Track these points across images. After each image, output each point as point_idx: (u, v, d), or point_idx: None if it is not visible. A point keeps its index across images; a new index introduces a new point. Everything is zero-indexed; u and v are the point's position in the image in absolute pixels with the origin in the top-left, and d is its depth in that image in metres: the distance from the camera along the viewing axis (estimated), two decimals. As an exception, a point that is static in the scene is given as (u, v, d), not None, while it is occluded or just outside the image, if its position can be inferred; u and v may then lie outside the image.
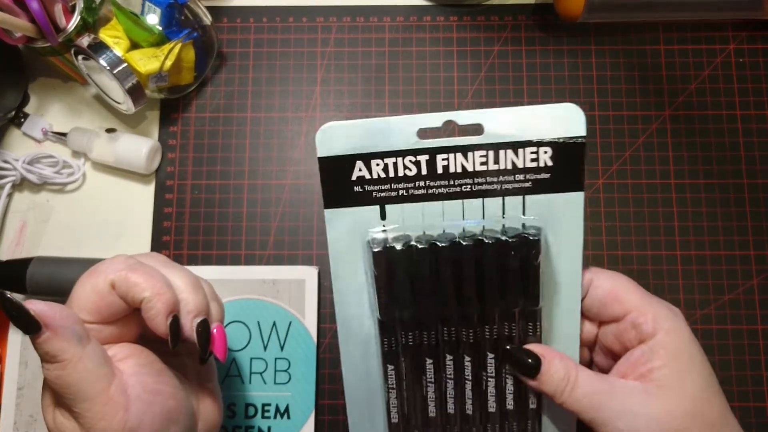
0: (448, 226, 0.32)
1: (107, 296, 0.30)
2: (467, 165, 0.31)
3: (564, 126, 0.30)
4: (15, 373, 0.45)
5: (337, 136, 0.31)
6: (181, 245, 0.48)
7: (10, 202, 0.49)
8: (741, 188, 0.48)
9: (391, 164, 0.31)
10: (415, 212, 0.32)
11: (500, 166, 0.31)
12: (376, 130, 0.31)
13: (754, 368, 0.46)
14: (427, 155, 0.31)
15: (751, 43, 0.50)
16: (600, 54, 0.51)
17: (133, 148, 0.47)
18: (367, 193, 0.31)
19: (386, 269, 0.31)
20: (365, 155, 0.31)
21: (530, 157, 0.30)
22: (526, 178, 0.31)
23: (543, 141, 0.30)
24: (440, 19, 0.52)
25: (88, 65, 0.45)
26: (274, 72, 0.51)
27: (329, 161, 0.31)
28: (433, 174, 0.31)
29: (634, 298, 0.32)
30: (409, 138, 0.31)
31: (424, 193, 0.31)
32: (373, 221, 0.32)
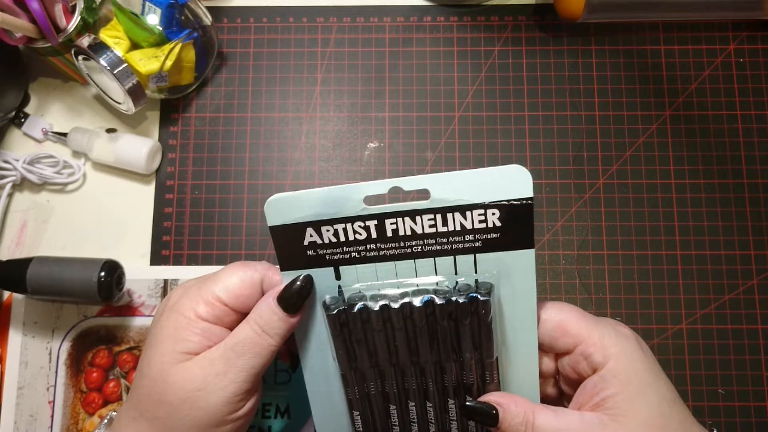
0: (402, 284, 0.33)
1: (250, 288, 0.33)
2: (416, 228, 0.31)
3: (510, 188, 0.31)
4: (15, 373, 0.45)
5: (286, 206, 0.32)
6: (181, 245, 0.48)
7: (11, 202, 0.49)
8: (741, 188, 0.48)
9: (341, 230, 0.32)
10: (369, 272, 0.32)
11: (449, 228, 0.31)
12: (324, 199, 0.31)
13: (754, 368, 0.46)
14: (376, 220, 0.31)
15: (751, 43, 0.50)
16: (600, 54, 0.51)
17: (134, 148, 0.47)
18: (321, 257, 0.32)
19: (342, 330, 0.32)
20: (314, 222, 0.32)
21: (478, 218, 0.31)
22: (475, 237, 0.32)
23: (490, 203, 0.31)
24: (440, 20, 0.52)
25: (89, 65, 0.45)
26: (274, 72, 0.51)
27: (280, 229, 0.32)
28: (383, 237, 0.32)
29: (581, 328, 0.32)
30: (356, 205, 0.31)
31: (376, 254, 0.32)
32: (329, 281, 0.33)
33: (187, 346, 0.31)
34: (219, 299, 0.32)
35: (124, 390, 0.45)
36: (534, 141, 0.49)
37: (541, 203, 0.48)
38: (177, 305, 0.32)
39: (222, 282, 0.33)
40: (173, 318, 0.32)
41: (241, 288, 0.32)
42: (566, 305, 0.34)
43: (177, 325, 0.32)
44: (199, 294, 0.32)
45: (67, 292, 0.42)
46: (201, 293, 0.32)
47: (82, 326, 0.46)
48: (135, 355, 0.45)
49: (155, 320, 0.33)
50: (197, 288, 0.33)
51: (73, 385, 0.45)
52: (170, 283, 0.46)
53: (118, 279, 0.43)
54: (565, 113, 0.50)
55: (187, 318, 0.32)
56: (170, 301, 0.33)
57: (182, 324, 0.32)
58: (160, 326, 0.32)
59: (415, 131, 0.50)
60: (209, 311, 0.32)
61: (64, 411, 0.45)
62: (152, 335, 0.32)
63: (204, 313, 0.32)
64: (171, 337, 0.31)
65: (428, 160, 0.49)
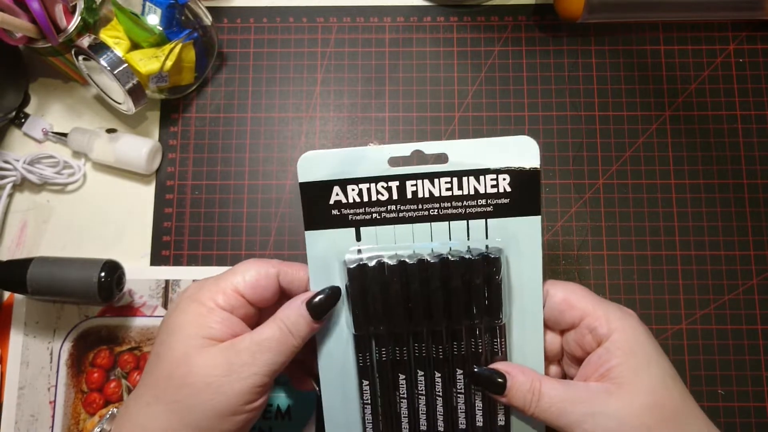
0: (417, 247, 0.34)
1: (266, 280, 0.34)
2: (434, 190, 0.34)
3: (520, 156, 0.33)
4: (16, 373, 0.45)
5: (316, 163, 0.34)
6: (181, 245, 0.48)
7: (11, 202, 0.49)
8: (741, 188, 0.48)
9: (365, 189, 0.34)
10: (388, 234, 0.34)
11: (464, 191, 0.34)
12: (352, 158, 0.34)
13: (754, 368, 0.46)
14: (398, 181, 0.34)
15: (751, 43, 0.50)
16: (600, 54, 0.51)
17: (134, 148, 0.47)
18: (344, 216, 0.34)
19: (359, 285, 0.34)
20: (342, 181, 0.34)
21: (490, 183, 0.34)
22: (487, 203, 0.34)
23: (501, 169, 0.33)
24: (440, 20, 0.52)
25: (89, 65, 0.45)
26: (274, 72, 0.51)
27: (309, 186, 0.34)
28: (403, 198, 0.34)
29: (586, 303, 0.34)
30: (381, 165, 0.34)
31: (396, 216, 0.34)
32: (349, 242, 0.34)
33: (210, 333, 0.32)
34: (237, 290, 0.33)
35: (125, 390, 0.45)
36: (534, 141, 0.49)
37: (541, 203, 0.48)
38: (196, 295, 0.34)
39: (240, 274, 0.34)
40: (193, 306, 0.33)
41: (258, 280, 0.34)
42: (571, 283, 0.35)
43: (199, 313, 0.33)
44: (218, 286, 0.34)
45: (68, 292, 0.42)
46: (219, 285, 0.34)
47: (83, 326, 0.46)
48: (136, 356, 0.45)
49: (172, 310, 0.34)
50: (215, 281, 0.34)
51: (74, 385, 0.45)
52: (171, 284, 0.46)
53: (118, 279, 0.43)
54: (565, 113, 0.50)
55: (208, 307, 0.33)
56: (187, 293, 0.34)
57: (203, 312, 0.33)
58: (181, 313, 0.33)
59: (415, 131, 0.50)
60: (228, 301, 0.33)
61: (65, 411, 0.45)
62: (171, 322, 0.33)
63: (224, 303, 0.33)
64: (193, 323, 0.32)
65: (428, 160, 0.49)
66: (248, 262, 0.35)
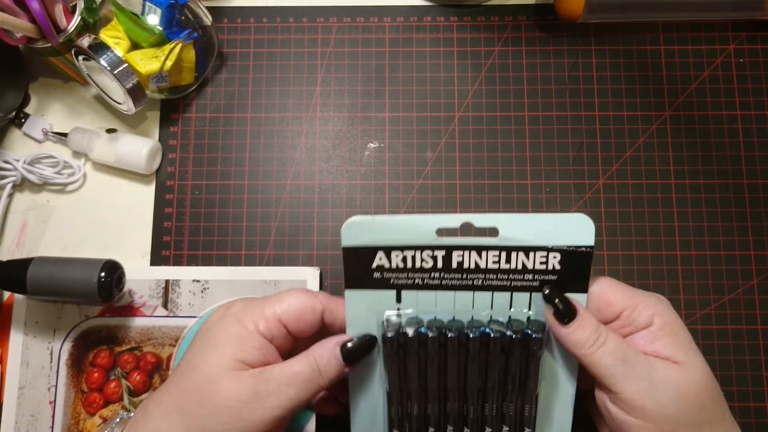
0: (457, 313, 0.34)
1: (311, 315, 0.34)
2: (480, 262, 0.33)
3: (574, 235, 0.32)
4: (16, 373, 0.45)
5: (361, 230, 0.33)
6: (181, 245, 0.48)
7: (11, 202, 0.49)
8: (741, 188, 0.48)
9: (409, 256, 0.33)
10: (429, 299, 0.34)
11: (511, 265, 0.33)
12: (398, 227, 0.33)
13: (754, 368, 0.46)
14: (444, 251, 0.33)
15: (751, 43, 0.50)
16: (600, 54, 0.51)
17: (134, 148, 0.47)
18: (385, 279, 0.34)
19: (397, 351, 0.34)
20: (386, 247, 0.33)
21: (540, 260, 0.33)
22: (534, 277, 0.33)
23: (554, 247, 0.33)
24: (440, 20, 0.52)
25: (89, 65, 0.45)
26: (274, 72, 0.51)
27: (352, 250, 0.33)
28: (448, 267, 0.33)
29: (623, 296, 0.33)
30: (429, 235, 0.33)
31: (438, 283, 0.34)
32: (389, 303, 0.34)
33: (246, 357, 0.32)
34: (280, 319, 0.33)
35: (125, 390, 0.45)
36: (534, 141, 0.49)
37: (541, 203, 0.48)
38: (240, 314, 0.33)
39: (286, 303, 0.34)
40: (236, 326, 0.33)
41: (304, 313, 0.34)
42: (602, 278, 0.34)
43: (239, 334, 0.33)
44: (262, 310, 0.33)
45: (67, 292, 0.42)
46: (264, 310, 0.33)
47: (83, 326, 0.46)
48: (136, 356, 0.45)
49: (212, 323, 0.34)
50: (260, 304, 0.34)
51: (74, 385, 0.45)
52: (171, 284, 0.46)
53: (118, 279, 0.43)
54: (565, 113, 0.50)
55: (249, 330, 0.33)
56: (232, 309, 0.34)
57: (243, 334, 0.33)
58: (220, 329, 0.33)
59: (415, 131, 0.50)
60: (269, 328, 0.33)
61: (65, 411, 0.45)
62: (210, 335, 0.33)
63: (264, 329, 0.33)
64: (232, 344, 0.32)
65: (428, 160, 0.49)
66: (296, 293, 0.34)
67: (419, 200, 0.49)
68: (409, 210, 0.48)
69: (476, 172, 0.49)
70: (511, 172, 0.49)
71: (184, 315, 0.46)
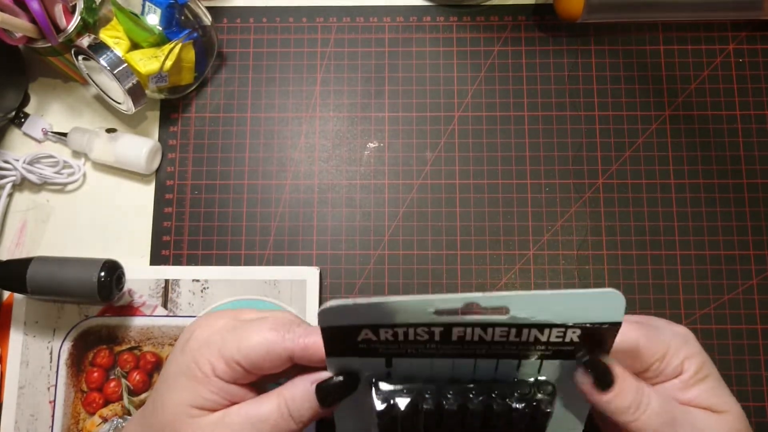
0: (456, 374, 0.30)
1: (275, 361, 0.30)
2: (485, 336, 0.28)
3: (599, 312, 0.27)
4: (16, 373, 0.45)
5: (340, 314, 0.27)
6: (181, 245, 0.48)
7: (11, 202, 0.49)
8: (740, 188, 0.48)
9: (401, 332, 0.28)
10: (423, 365, 0.30)
11: (521, 339, 0.28)
12: (388, 312, 0.27)
13: (754, 368, 0.46)
14: (442, 327, 0.28)
15: (750, 43, 0.50)
16: (600, 54, 0.51)
17: (133, 148, 0.47)
18: (373, 349, 0.29)
19: (390, 423, 0.30)
20: (373, 326, 0.28)
21: (556, 335, 0.28)
22: (547, 348, 0.29)
23: (575, 324, 0.28)
24: (440, 20, 0.52)
25: (89, 65, 0.45)
26: (274, 72, 0.51)
27: (332, 330, 0.28)
28: (447, 341, 0.29)
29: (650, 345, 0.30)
30: (425, 316, 0.27)
31: (435, 352, 0.29)
32: (378, 369, 0.30)
33: (202, 403, 0.29)
34: (239, 363, 0.29)
35: (125, 390, 0.45)
36: (534, 141, 0.49)
37: (540, 203, 0.48)
38: (196, 354, 0.30)
39: (245, 344, 0.30)
40: (192, 368, 0.30)
41: (264, 360, 0.29)
42: (627, 324, 0.30)
43: (195, 377, 0.29)
44: (220, 350, 0.30)
45: (67, 292, 0.42)
46: (222, 350, 0.30)
47: (83, 326, 0.46)
48: (135, 355, 0.45)
49: (176, 353, 0.31)
50: (220, 341, 0.30)
51: (74, 384, 0.45)
52: (171, 284, 0.46)
53: (118, 279, 0.43)
54: (565, 113, 0.50)
55: (204, 373, 0.29)
56: (191, 343, 0.31)
57: (199, 377, 0.29)
58: (178, 370, 0.30)
59: (414, 131, 0.50)
60: (227, 372, 0.29)
61: (64, 411, 0.45)
62: (168, 372, 0.31)
63: (221, 373, 0.29)
64: (186, 389, 0.29)
65: (428, 160, 0.49)
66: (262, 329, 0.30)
67: (419, 200, 0.49)
68: (408, 210, 0.48)
69: (476, 172, 0.49)
70: (511, 172, 0.49)
71: (184, 315, 0.46)
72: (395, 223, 0.48)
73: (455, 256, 0.48)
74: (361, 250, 0.48)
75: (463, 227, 0.48)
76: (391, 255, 0.48)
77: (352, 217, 0.48)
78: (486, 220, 0.48)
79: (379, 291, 0.47)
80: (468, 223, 0.48)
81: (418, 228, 0.48)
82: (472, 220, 0.48)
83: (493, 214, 0.48)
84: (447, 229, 0.48)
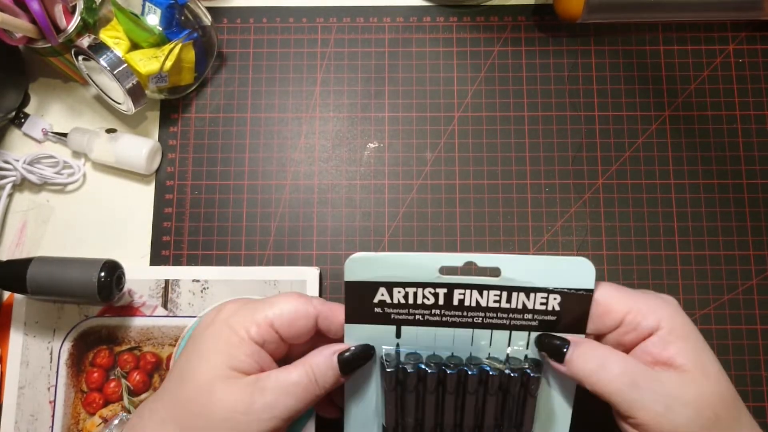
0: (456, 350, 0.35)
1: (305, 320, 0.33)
2: (481, 301, 0.33)
3: (575, 278, 0.33)
4: (16, 373, 0.45)
5: (364, 265, 0.33)
6: (181, 245, 0.48)
7: (11, 202, 0.49)
8: (741, 188, 0.48)
9: (411, 293, 0.33)
10: (428, 335, 0.34)
11: (511, 305, 0.34)
12: (402, 264, 0.33)
13: (754, 368, 0.46)
14: (446, 289, 0.33)
15: (750, 43, 0.50)
16: (600, 54, 0.51)
17: (134, 148, 0.47)
18: (386, 314, 0.34)
19: (395, 387, 0.34)
20: (388, 283, 0.33)
21: (540, 301, 0.33)
22: (533, 317, 0.34)
23: (554, 289, 0.33)
24: (440, 20, 0.52)
25: (89, 66, 0.45)
26: (274, 72, 0.51)
27: (355, 285, 0.33)
28: (449, 305, 0.34)
29: (624, 302, 0.32)
30: (432, 273, 0.33)
31: (438, 320, 0.34)
32: (389, 338, 0.34)
33: (238, 365, 0.31)
34: (272, 324, 0.32)
35: (125, 390, 0.45)
36: (534, 141, 0.49)
37: (540, 203, 0.48)
38: (230, 321, 0.33)
39: (277, 307, 0.33)
40: (225, 333, 0.32)
41: (296, 318, 0.33)
42: (602, 284, 0.33)
43: (229, 341, 0.32)
44: (253, 315, 0.33)
45: (67, 292, 0.42)
46: (254, 315, 0.33)
47: (83, 326, 0.46)
48: (136, 356, 0.45)
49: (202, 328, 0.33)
50: (251, 309, 0.33)
51: (74, 385, 0.45)
52: (171, 284, 0.46)
53: (118, 279, 0.43)
54: (565, 113, 0.50)
55: (240, 337, 0.32)
56: (222, 314, 0.33)
57: (234, 341, 0.32)
58: (211, 336, 0.32)
59: (414, 131, 0.50)
60: (260, 334, 0.32)
61: (64, 411, 0.45)
62: (200, 343, 0.32)
63: (256, 335, 0.32)
64: (223, 352, 0.32)
65: (428, 160, 0.49)
66: (289, 297, 0.34)
67: (419, 200, 0.49)
68: (408, 210, 0.48)
69: (476, 172, 0.49)
70: (511, 172, 0.49)
71: (184, 315, 0.46)
72: (395, 224, 0.48)
73: (455, 256, 0.48)
74: (361, 250, 0.48)
75: (463, 227, 0.48)
76: (391, 255, 0.48)
77: (352, 217, 0.48)
78: (486, 220, 0.48)
79: (379, 291, 0.47)
80: (468, 223, 0.48)
81: (418, 228, 0.48)
82: (472, 220, 0.48)
83: (493, 214, 0.48)
84: (447, 229, 0.48)
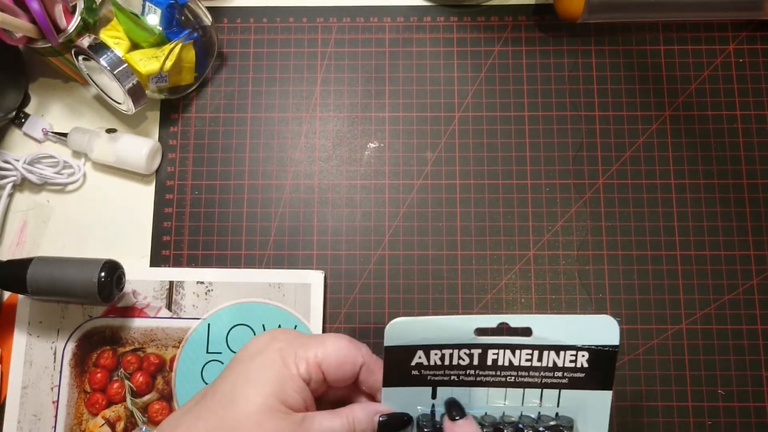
0: (489, 409, 0.36)
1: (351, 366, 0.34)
2: (514, 360, 0.35)
3: (601, 335, 0.35)
4: (19, 373, 0.45)
5: (403, 330, 0.34)
6: (181, 245, 0.48)
7: (11, 202, 0.49)
8: (741, 188, 0.48)
9: (447, 354, 0.35)
10: (463, 395, 0.36)
11: (542, 363, 0.35)
12: (439, 327, 0.35)
13: (754, 368, 0.46)
14: (481, 349, 0.35)
15: (751, 43, 0.50)
16: (600, 54, 0.51)
17: (134, 148, 0.47)
18: (423, 377, 0.35)
19: None
20: (426, 346, 0.35)
21: (569, 358, 0.35)
22: (563, 375, 0.35)
23: (583, 346, 0.35)
24: (440, 20, 0.52)
25: (89, 66, 0.45)
26: (274, 72, 0.51)
27: (394, 349, 0.35)
28: (483, 365, 0.35)
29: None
30: (468, 334, 0.35)
31: (473, 380, 0.36)
32: (425, 398, 0.36)
33: (287, 399, 0.32)
34: (320, 364, 0.33)
35: (128, 391, 0.45)
36: (534, 141, 0.49)
37: (541, 203, 0.48)
38: (283, 352, 0.33)
39: (328, 348, 0.34)
40: (278, 364, 0.33)
41: (344, 363, 0.34)
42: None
43: (281, 374, 0.32)
44: (305, 351, 0.33)
45: (68, 292, 0.42)
46: (306, 351, 0.33)
47: (87, 327, 0.46)
48: (139, 357, 0.45)
49: (252, 354, 0.33)
50: (303, 344, 0.33)
51: (77, 385, 0.45)
52: (175, 286, 0.46)
53: (118, 279, 0.43)
54: (565, 113, 0.50)
55: (291, 372, 0.32)
56: (274, 344, 0.34)
57: (285, 375, 0.32)
58: (262, 365, 0.33)
59: (415, 131, 0.50)
60: (308, 372, 0.33)
61: (67, 411, 0.45)
62: (252, 368, 0.33)
63: (304, 372, 0.33)
64: (274, 384, 0.32)
65: (428, 160, 0.49)
66: (339, 339, 0.34)
67: (419, 200, 0.49)
68: (408, 210, 0.48)
69: (476, 172, 0.49)
70: (511, 172, 0.49)
71: (188, 317, 0.46)
72: (395, 224, 0.48)
73: (455, 256, 0.48)
74: (361, 250, 0.48)
75: (464, 227, 0.48)
76: (391, 255, 0.48)
77: (352, 217, 0.49)
78: (486, 220, 0.48)
79: (380, 291, 0.47)
80: (468, 223, 0.48)
81: (418, 228, 0.48)
82: (472, 220, 0.48)
83: (493, 214, 0.48)
84: (447, 229, 0.48)
